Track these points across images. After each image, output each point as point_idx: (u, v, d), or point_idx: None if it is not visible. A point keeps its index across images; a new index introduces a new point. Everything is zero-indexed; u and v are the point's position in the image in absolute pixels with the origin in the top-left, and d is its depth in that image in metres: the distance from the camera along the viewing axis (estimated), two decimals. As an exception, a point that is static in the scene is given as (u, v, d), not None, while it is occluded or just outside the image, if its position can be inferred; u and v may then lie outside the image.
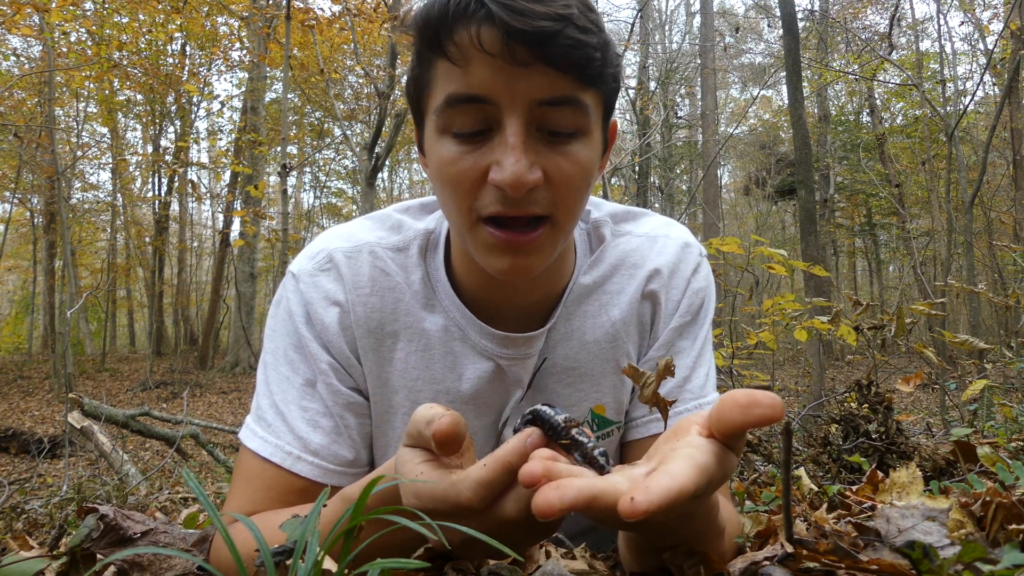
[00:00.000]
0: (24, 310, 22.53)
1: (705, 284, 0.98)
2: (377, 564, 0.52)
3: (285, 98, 7.15)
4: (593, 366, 0.95)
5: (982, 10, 12.63)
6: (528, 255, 0.78)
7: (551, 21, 0.69)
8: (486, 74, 0.72)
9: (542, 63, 0.71)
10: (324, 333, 0.90)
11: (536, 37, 0.69)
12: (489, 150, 0.75)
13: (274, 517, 0.82)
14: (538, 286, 0.92)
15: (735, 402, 0.51)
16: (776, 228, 21.44)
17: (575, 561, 0.73)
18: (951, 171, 8.06)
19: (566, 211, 0.79)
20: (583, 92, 0.75)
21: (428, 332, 0.92)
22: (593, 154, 0.79)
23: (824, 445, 1.78)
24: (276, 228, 7.01)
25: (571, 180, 0.77)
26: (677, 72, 16.78)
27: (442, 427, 0.56)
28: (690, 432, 0.55)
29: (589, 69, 0.73)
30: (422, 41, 0.76)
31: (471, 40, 0.71)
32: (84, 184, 19.44)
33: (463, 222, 0.79)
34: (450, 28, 0.72)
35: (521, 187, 0.73)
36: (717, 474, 0.51)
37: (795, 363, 12.13)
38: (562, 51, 0.70)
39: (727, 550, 0.75)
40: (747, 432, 0.53)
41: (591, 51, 0.72)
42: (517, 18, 0.68)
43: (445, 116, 0.76)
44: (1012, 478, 1.14)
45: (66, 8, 7.64)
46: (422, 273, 0.93)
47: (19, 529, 2.36)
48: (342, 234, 0.96)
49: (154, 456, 7.42)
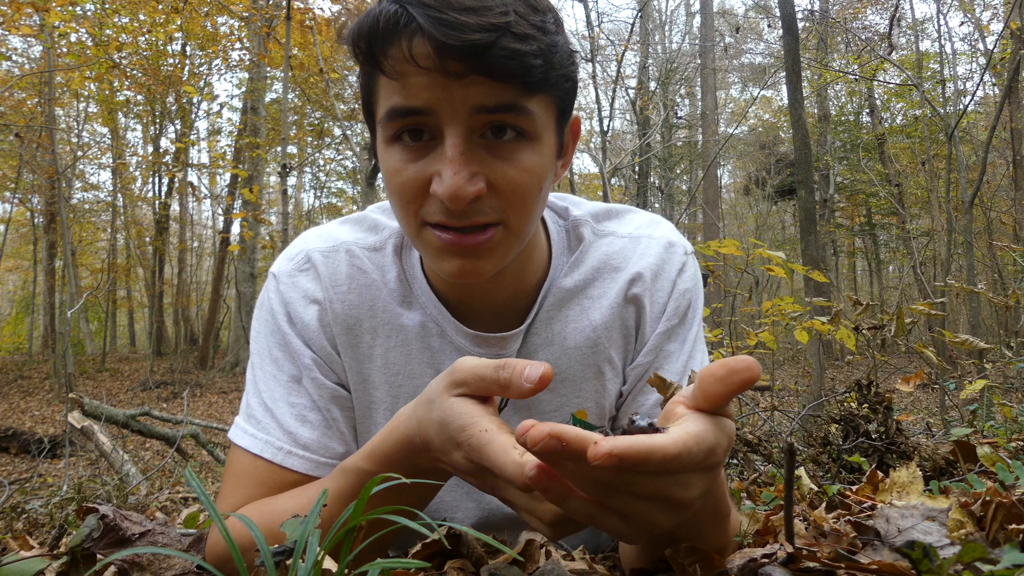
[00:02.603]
0: (24, 310, 22.54)
1: (692, 284, 0.96)
2: (377, 564, 0.52)
3: (285, 98, 7.14)
4: (575, 371, 0.94)
5: (982, 10, 12.64)
6: (479, 258, 0.78)
7: (484, 32, 0.67)
8: (422, 85, 0.71)
9: (478, 74, 0.70)
10: (305, 331, 0.92)
11: (468, 51, 0.68)
12: (432, 160, 0.74)
13: (269, 504, 0.82)
14: (505, 285, 0.91)
15: (713, 375, 0.52)
16: (776, 228, 21.43)
17: (575, 562, 0.73)
18: (951, 171, 8.06)
19: (518, 216, 0.78)
20: (526, 99, 0.73)
21: (406, 328, 0.93)
22: (543, 159, 0.78)
23: (824, 445, 1.78)
24: (276, 229, 7.01)
25: (518, 187, 0.76)
26: (677, 72, 16.77)
27: (547, 371, 0.58)
28: (675, 411, 0.55)
29: (529, 77, 0.71)
30: (357, 55, 0.76)
31: (403, 55, 0.70)
32: (84, 184, 19.47)
33: (410, 228, 0.80)
34: (383, 43, 0.71)
35: (461, 200, 0.72)
36: (712, 438, 0.51)
37: (795, 363, 12.13)
38: (497, 62, 0.69)
39: (729, 541, 0.75)
40: (734, 398, 0.53)
41: (530, 59, 0.70)
42: (447, 32, 0.67)
43: (389, 127, 0.76)
44: (1012, 478, 1.15)
45: (65, 8, 7.64)
46: (397, 271, 0.94)
47: (19, 529, 2.36)
48: (320, 235, 0.97)
49: (154, 456, 7.41)
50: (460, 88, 0.70)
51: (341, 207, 24.55)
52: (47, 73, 10.09)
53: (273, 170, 18.51)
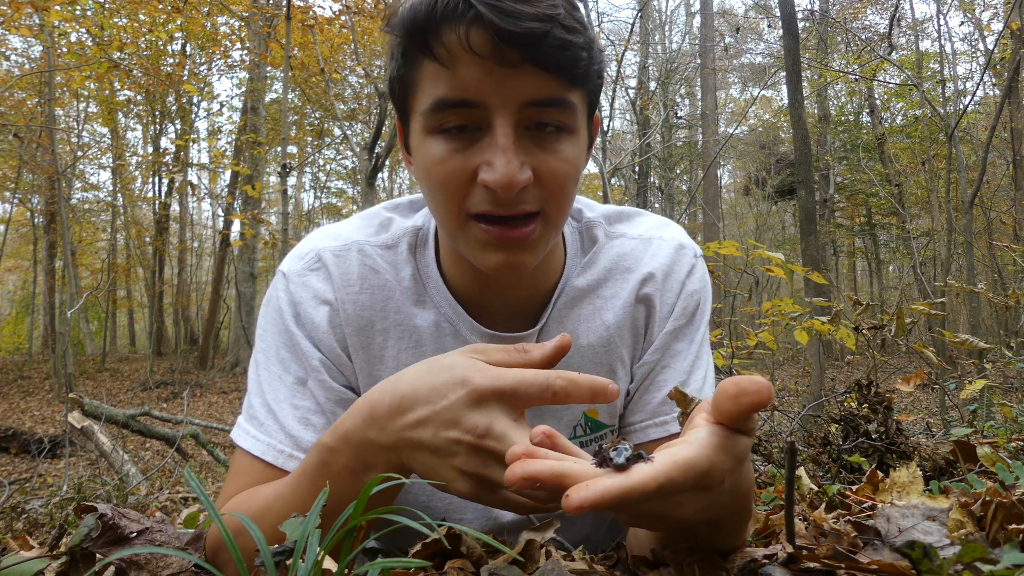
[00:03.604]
0: (24, 310, 22.54)
1: (700, 286, 0.97)
2: (377, 564, 0.52)
3: (285, 98, 7.15)
4: (587, 370, 0.94)
5: (982, 10, 12.63)
6: (523, 251, 0.79)
7: (539, 22, 0.69)
8: (475, 76, 0.72)
9: (531, 64, 0.71)
10: (314, 332, 0.91)
11: (525, 38, 0.69)
12: (479, 150, 0.75)
13: (259, 491, 0.82)
14: (526, 283, 0.92)
15: (726, 393, 0.52)
16: (776, 228, 21.43)
17: (575, 562, 0.73)
18: (951, 171, 8.06)
19: (557, 207, 0.79)
20: (570, 92, 0.75)
21: (419, 328, 0.92)
22: (580, 151, 0.80)
23: (824, 445, 1.78)
24: (276, 229, 7.01)
25: (560, 178, 0.77)
26: (677, 72, 16.77)
27: (564, 339, 0.70)
28: (696, 420, 0.56)
29: (576, 69, 0.73)
30: (409, 41, 0.75)
31: (460, 42, 0.70)
32: (84, 184, 19.46)
33: (453, 221, 0.79)
34: (438, 29, 0.71)
35: (512, 188, 0.73)
36: (707, 462, 0.52)
37: (795, 363, 12.13)
38: (551, 52, 0.70)
39: (745, 542, 0.75)
40: (750, 416, 0.53)
41: (578, 51, 0.72)
42: (506, 19, 0.68)
43: (433, 119, 0.76)
44: (1012, 478, 1.14)
45: (65, 8, 7.63)
46: (412, 270, 0.93)
47: (19, 529, 2.36)
48: (331, 233, 0.97)
49: (154, 456, 7.42)
50: (512, 78, 0.71)
51: (341, 207, 24.54)
52: (47, 73, 10.09)
53: (273, 170, 18.50)
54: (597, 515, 1.06)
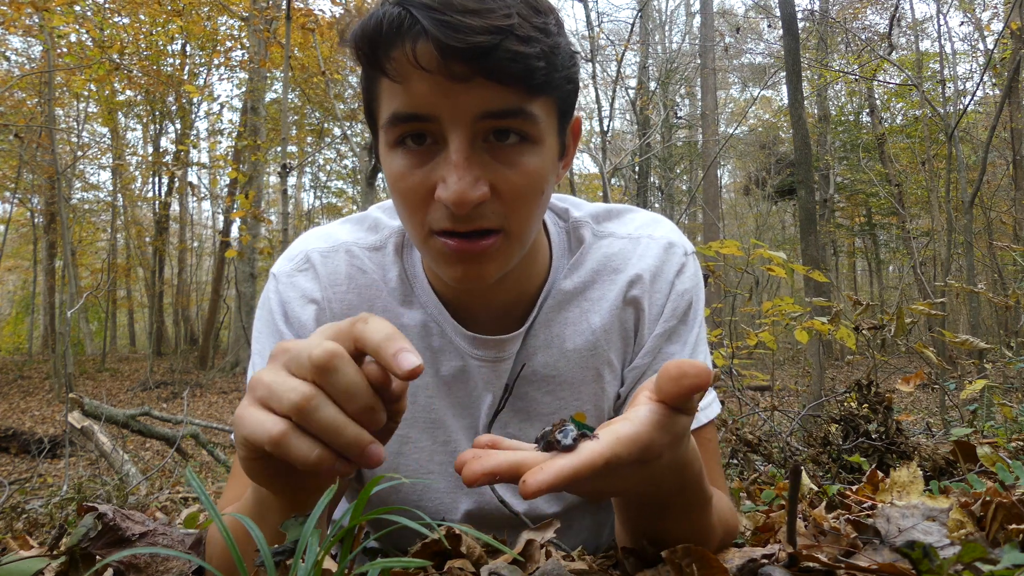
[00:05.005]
0: (24, 310, 22.54)
1: (691, 285, 0.96)
2: (377, 564, 0.52)
3: (285, 98, 7.14)
4: (573, 374, 0.94)
5: (982, 10, 12.64)
6: (481, 263, 0.78)
7: (488, 35, 0.67)
8: (426, 90, 0.71)
9: (482, 77, 0.69)
10: (302, 331, 0.91)
11: (472, 53, 0.67)
12: (436, 165, 0.74)
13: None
14: (507, 289, 0.91)
15: (668, 375, 0.55)
16: (776, 228, 21.44)
17: (575, 562, 0.73)
18: (951, 171, 8.06)
19: (519, 222, 0.78)
20: (529, 102, 0.73)
21: (407, 328, 0.92)
22: (545, 162, 0.78)
23: (824, 445, 1.78)
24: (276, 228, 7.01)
25: (520, 191, 0.76)
26: (677, 72, 16.77)
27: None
28: (639, 399, 0.58)
29: (533, 80, 0.71)
30: (359, 58, 0.75)
31: (407, 57, 0.69)
32: (84, 184, 19.48)
33: (417, 235, 0.80)
34: (386, 45, 0.71)
35: (465, 205, 0.72)
36: (647, 437, 0.55)
37: (795, 363, 12.13)
38: (501, 65, 0.68)
39: (716, 534, 0.76)
40: (690, 397, 0.55)
41: (533, 62, 0.70)
42: (451, 35, 0.66)
43: (391, 132, 0.75)
44: (1012, 478, 1.15)
45: (66, 11, 7.63)
46: (399, 270, 0.94)
47: (19, 529, 2.36)
48: (320, 235, 0.97)
49: (154, 456, 7.41)
50: (464, 92, 0.70)
51: (341, 207, 24.54)
52: (47, 73, 10.09)
53: (273, 170, 18.50)
54: (597, 521, 1.06)
